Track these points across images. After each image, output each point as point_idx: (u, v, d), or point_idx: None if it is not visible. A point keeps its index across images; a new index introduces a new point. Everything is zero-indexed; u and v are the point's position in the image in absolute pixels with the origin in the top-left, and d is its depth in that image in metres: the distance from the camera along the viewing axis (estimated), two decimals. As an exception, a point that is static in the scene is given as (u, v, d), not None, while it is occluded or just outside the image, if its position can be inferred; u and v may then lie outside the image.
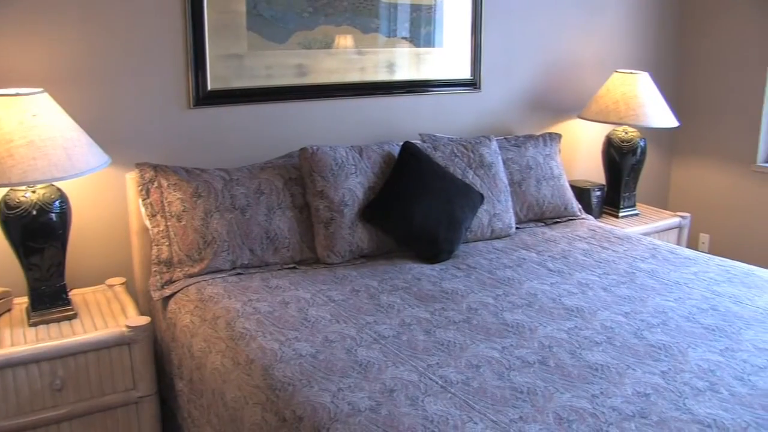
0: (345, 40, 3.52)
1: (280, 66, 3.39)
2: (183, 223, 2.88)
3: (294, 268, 3.02)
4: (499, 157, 3.59)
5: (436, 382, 2.05)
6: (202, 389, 2.43)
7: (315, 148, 3.13)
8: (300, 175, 3.15)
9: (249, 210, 2.97)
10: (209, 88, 3.21)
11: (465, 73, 3.94)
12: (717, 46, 4.79)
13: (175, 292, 2.83)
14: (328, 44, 3.47)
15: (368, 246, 3.11)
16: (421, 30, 3.75)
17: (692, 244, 4.87)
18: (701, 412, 1.92)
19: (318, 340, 2.31)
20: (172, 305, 2.79)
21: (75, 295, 2.93)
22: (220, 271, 2.91)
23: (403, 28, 3.69)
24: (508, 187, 3.57)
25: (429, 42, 3.79)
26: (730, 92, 4.75)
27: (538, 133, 4.01)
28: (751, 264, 3.33)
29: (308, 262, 3.08)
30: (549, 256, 3.21)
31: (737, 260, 3.46)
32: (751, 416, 1.91)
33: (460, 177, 3.38)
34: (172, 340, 2.73)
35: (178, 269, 2.88)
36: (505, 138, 3.85)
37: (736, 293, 2.83)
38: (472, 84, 3.97)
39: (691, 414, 1.91)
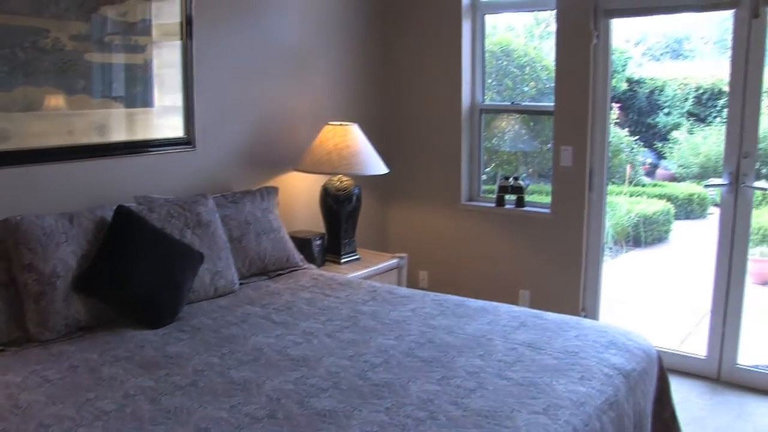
0: (52, 101, 3.34)
1: (-24, 132, 3.14)
2: None
3: (2, 350, 2.77)
4: (217, 215, 3.60)
5: (163, 453, 2.01)
6: None
7: (18, 218, 2.92)
8: (5, 249, 2.92)
9: (-55, 292, 2.71)
10: None
11: (179, 133, 3.91)
12: (418, 97, 5.20)
13: None
14: (31, 106, 3.27)
15: (86, 317, 2.96)
16: (133, 90, 3.68)
17: (413, 281, 5.18)
18: (422, 440, 2.07)
19: (31, 428, 2.14)
20: None
21: None
22: None
23: (114, 88, 3.59)
24: (228, 244, 3.58)
25: (141, 102, 3.72)
26: (434, 139, 5.16)
27: (255, 188, 4.08)
28: (463, 294, 3.64)
29: (19, 341, 2.84)
30: (273, 309, 3.27)
31: (453, 292, 3.76)
32: (465, 436, 2.09)
33: (177, 237, 3.33)
34: None
35: None
36: (222, 195, 3.87)
37: (450, 324, 3.08)
38: (187, 143, 3.95)
39: (413, 444, 2.05)
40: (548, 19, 5.46)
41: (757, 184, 4.12)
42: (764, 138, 7.49)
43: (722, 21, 8.05)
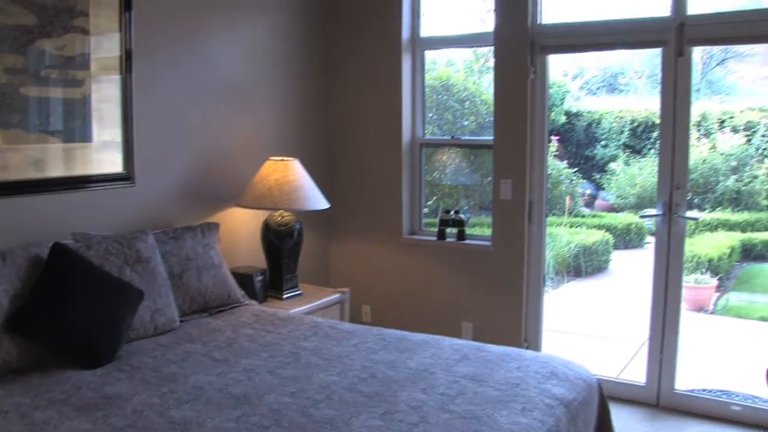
0: (-15, 136, 3.29)
1: None
2: None
3: (-72, 395, 2.66)
4: (157, 251, 3.55)
5: (99, 498, 1.95)
6: None
7: (-52, 257, 2.85)
8: (-67, 290, 2.84)
9: None
10: None
11: (118, 168, 3.86)
12: (358, 132, 5.23)
13: None
14: (-39, 142, 3.21)
15: (18, 359, 2.85)
16: (71, 124, 3.61)
17: (356, 316, 5.16)
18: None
19: (-43, 477, 2.07)
20: None
21: None
22: None
23: (51, 122, 3.53)
24: (168, 281, 3.53)
25: (80, 137, 3.66)
26: (374, 174, 5.19)
27: (196, 224, 4.04)
28: (406, 328, 3.65)
29: (-55, 386, 2.73)
30: (214, 346, 3.23)
31: (396, 326, 3.77)
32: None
33: (116, 275, 3.27)
34: None
35: None
36: (162, 231, 3.82)
37: (392, 359, 3.08)
38: (126, 178, 3.89)
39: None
40: (487, 54, 5.57)
41: (689, 214, 4.25)
42: (694, 169, 7.75)
43: (654, 57, 8.32)
